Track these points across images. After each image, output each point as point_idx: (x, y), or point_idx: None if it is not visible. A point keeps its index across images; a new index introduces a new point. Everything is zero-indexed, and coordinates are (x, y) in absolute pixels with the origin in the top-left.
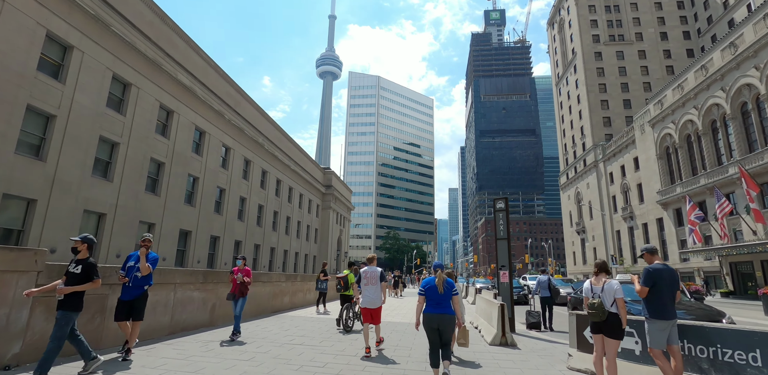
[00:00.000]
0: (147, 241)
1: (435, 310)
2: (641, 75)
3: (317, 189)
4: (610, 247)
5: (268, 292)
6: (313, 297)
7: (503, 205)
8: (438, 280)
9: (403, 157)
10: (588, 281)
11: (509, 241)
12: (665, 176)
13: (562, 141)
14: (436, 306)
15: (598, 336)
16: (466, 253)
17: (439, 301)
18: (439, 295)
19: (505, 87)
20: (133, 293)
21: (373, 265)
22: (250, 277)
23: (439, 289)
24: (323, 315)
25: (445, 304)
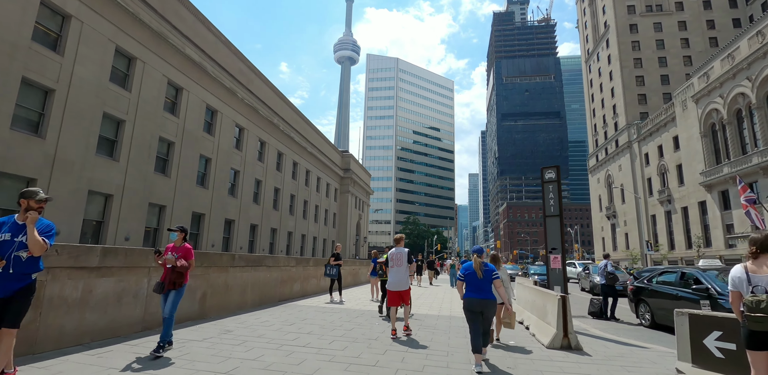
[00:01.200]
0: (38, 201)
1: (476, 294)
2: (681, 48)
3: (335, 172)
4: (644, 233)
5: (275, 278)
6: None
7: (554, 175)
8: (475, 265)
9: (423, 141)
10: (741, 267)
11: (562, 218)
12: (710, 156)
13: (591, 121)
14: (477, 291)
15: (761, 354)
16: (487, 239)
17: (479, 286)
18: (479, 280)
19: (529, 68)
20: (11, 286)
21: (400, 246)
22: (190, 258)
23: (477, 274)
24: (337, 304)
25: (486, 289)
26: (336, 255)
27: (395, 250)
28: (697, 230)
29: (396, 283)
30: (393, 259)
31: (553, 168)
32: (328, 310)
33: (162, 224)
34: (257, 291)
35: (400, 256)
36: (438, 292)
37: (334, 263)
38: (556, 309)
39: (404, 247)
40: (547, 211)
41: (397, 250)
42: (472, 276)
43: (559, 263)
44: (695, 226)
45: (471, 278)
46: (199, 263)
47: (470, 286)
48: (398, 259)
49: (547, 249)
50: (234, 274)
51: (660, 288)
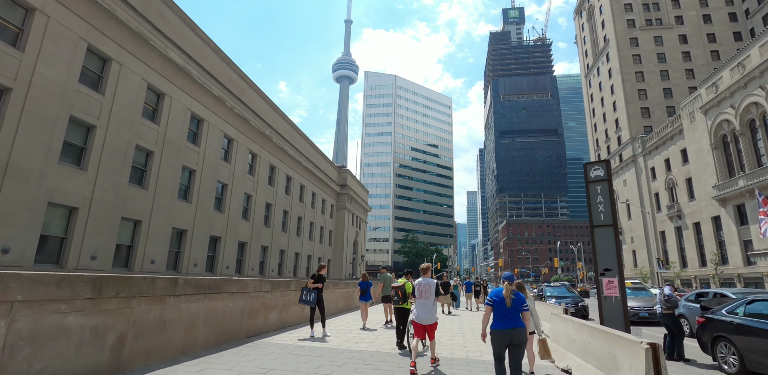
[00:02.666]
0: None
1: (505, 324)
2: (682, 61)
3: (331, 188)
4: (653, 250)
5: (241, 308)
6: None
7: (602, 172)
8: (506, 292)
9: (421, 158)
10: None
11: (616, 228)
12: (722, 168)
13: (593, 136)
14: (505, 320)
15: None
16: (486, 257)
17: (508, 315)
18: (507, 309)
19: (525, 86)
20: None
21: (427, 277)
22: None
23: (507, 303)
24: (318, 342)
25: (515, 318)
26: (316, 276)
27: (423, 280)
28: (712, 247)
29: (423, 317)
30: (420, 290)
31: (601, 163)
32: (305, 353)
33: (137, 241)
34: (214, 326)
35: (428, 288)
36: (456, 325)
37: (312, 286)
38: (642, 365)
39: (428, 276)
40: (595, 220)
41: (425, 281)
42: (500, 304)
43: (616, 290)
44: (709, 243)
45: (499, 306)
46: (112, 293)
47: (497, 315)
48: (426, 290)
49: (597, 270)
50: (175, 306)
51: (753, 323)
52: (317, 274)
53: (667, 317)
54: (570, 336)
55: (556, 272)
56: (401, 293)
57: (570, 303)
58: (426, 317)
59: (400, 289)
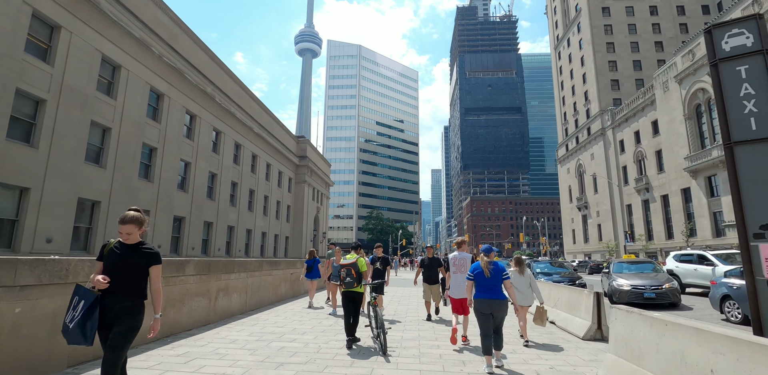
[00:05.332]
0: None
1: (486, 295)
2: (652, 33)
3: (289, 160)
4: (620, 223)
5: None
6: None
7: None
8: (482, 264)
9: (387, 133)
10: None
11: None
12: (695, 139)
13: (561, 110)
14: (486, 291)
15: None
16: (450, 233)
17: (488, 286)
18: (488, 280)
19: (491, 63)
20: None
21: (462, 251)
22: None
23: (485, 273)
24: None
25: (497, 289)
26: None
27: (459, 255)
28: (681, 219)
29: (457, 290)
30: (456, 264)
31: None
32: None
33: (95, 223)
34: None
35: (464, 262)
36: None
37: None
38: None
39: (464, 250)
40: (737, 131)
41: (460, 255)
42: (480, 276)
43: None
44: (678, 215)
45: (479, 278)
46: None
47: (479, 287)
48: (462, 265)
49: (746, 227)
50: None
51: None
52: None
53: None
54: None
55: (519, 247)
56: (354, 272)
57: (567, 281)
58: (461, 290)
59: (352, 267)
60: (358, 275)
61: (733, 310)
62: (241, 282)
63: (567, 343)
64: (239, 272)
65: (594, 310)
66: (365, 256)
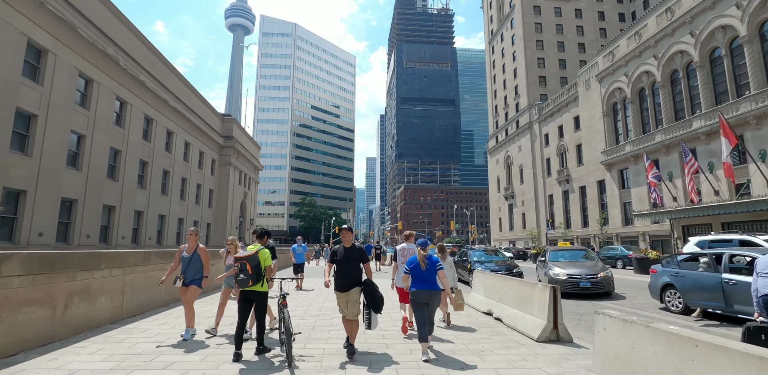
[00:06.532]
0: None
1: (423, 286)
2: (576, 35)
3: (213, 139)
4: (542, 212)
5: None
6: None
7: None
8: (419, 257)
9: (323, 118)
10: None
11: None
12: (611, 135)
13: (492, 103)
14: (423, 283)
15: None
16: (383, 221)
17: (424, 278)
18: (423, 272)
19: (428, 54)
20: None
21: (410, 242)
22: None
23: (421, 266)
24: None
25: (432, 281)
26: None
27: (407, 246)
28: (596, 209)
29: None
30: (405, 255)
31: None
32: None
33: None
34: None
35: (412, 253)
36: None
37: None
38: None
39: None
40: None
41: (409, 246)
42: (416, 268)
43: None
44: (593, 205)
45: (416, 270)
46: None
47: (415, 279)
48: (410, 255)
49: None
50: None
51: None
52: None
53: None
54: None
55: (449, 235)
56: (250, 268)
57: (504, 269)
58: None
59: (247, 261)
60: (256, 271)
61: (674, 300)
62: (115, 281)
63: (520, 346)
64: (110, 268)
65: (550, 307)
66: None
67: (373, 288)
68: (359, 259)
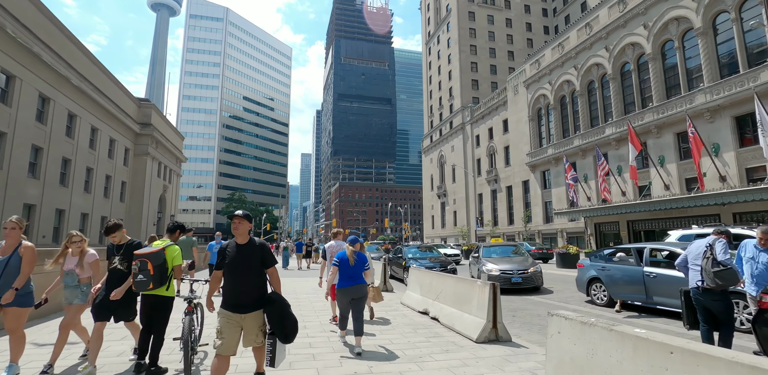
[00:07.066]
0: None
1: (349, 282)
2: (506, 43)
3: (126, 126)
4: (472, 210)
5: None
6: None
7: None
8: (348, 253)
9: (256, 110)
10: None
11: None
12: (535, 138)
13: (428, 103)
14: (349, 279)
15: None
16: (317, 219)
17: (352, 274)
18: (351, 268)
19: (366, 52)
20: None
21: (339, 240)
22: None
23: (350, 261)
24: None
25: (358, 276)
26: None
27: (335, 243)
28: (520, 207)
29: None
30: (333, 252)
31: None
32: None
33: None
34: None
35: (341, 249)
36: None
37: None
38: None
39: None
40: None
41: (337, 244)
42: (345, 264)
43: None
44: (518, 204)
45: (344, 266)
46: None
47: (343, 275)
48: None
49: None
50: None
51: None
52: None
53: (716, 296)
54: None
55: (384, 232)
56: (151, 267)
57: (438, 266)
58: None
59: (148, 259)
60: (160, 272)
61: (599, 293)
62: None
63: (460, 349)
64: None
65: (489, 305)
66: None
67: (282, 307)
68: (260, 263)
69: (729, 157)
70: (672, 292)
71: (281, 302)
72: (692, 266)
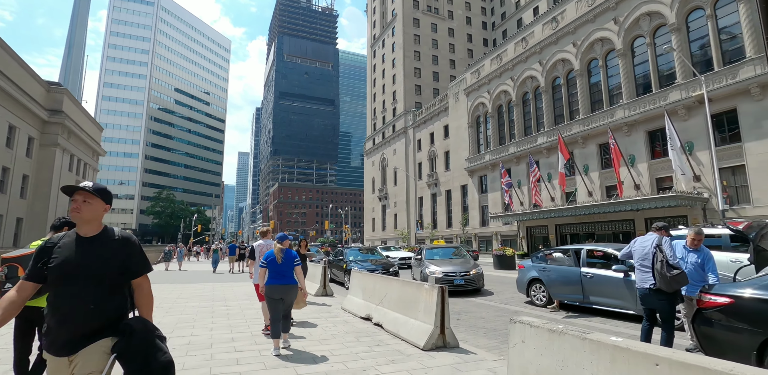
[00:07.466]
0: None
1: (277, 281)
2: (449, 51)
3: (31, 112)
4: (412, 213)
5: None
6: None
7: None
8: (275, 250)
9: (189, 104)
10: None
11: None
12: (474, 144)
13: (371, 106)
14: (278, 277)
15: None
16: (254, 220)
17: (280, 272)
18: (279, 266)
19: (310, 51)
20: None
21: (268, 239)
22: None
23: (277, 259)
24: None
25: (288, 275)
26: None
27: (264, 242)
28: (459, 211)
29: None
30: (262, 252)
31: None
32: None
33: None
34: None
35: (270, 249)
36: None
37: None
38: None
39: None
40: None
41: (266, 242)
42: (273, 262)
43: None
44: (456, 208)
45: (272, 265)
46: None
47: (272, 273)
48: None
49: None
50: None
51: None
52: None
53: (663, 296)
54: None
55: (323, 234)
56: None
57: (381, 269)
58: None
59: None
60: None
61: (539, 294)
62: None
63: (407, 359)
64: None
65: (437, 309)
66: None
67: (147, 343)
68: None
69: (642, 168)
70: (606, 292)
71: (147, 334)
72: (641, 268)
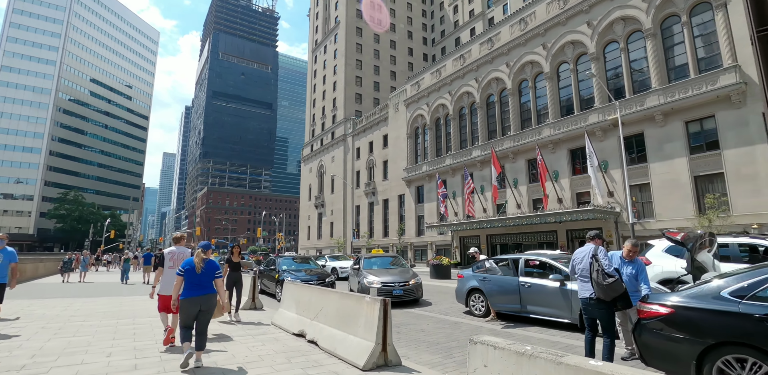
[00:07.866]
0: None
1: (194, 292)
2: (390, 63)
3: None
4: (349, 222)
5: None
6: None
7: None
8: (196, 259)
9: (107, 96)
10: None
11: None
12: (412, 155)
13: (311, 111)
14: (195, 287)
15: None
16: (179, 226)
17: (198, 283)
18: (198, 276)
19: (248, 52)
20: None
21: (182, 246)
22: None
23: (197, 268)
24: None
25: (207, 285)
26: None
27: (177, 249)
28: (395, 220)
29: (170, 287)
30: (173, 259)
31: None
32: None
33: None
34: None
35: (183, 257)
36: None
37: None
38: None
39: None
40: None
41: (179, 250)
42: (191, 272)
43: None
44: (393, 217)
45: (190, 274)
46: None
47: (188, 284)
48: (179, 260)
49: None
50: None
51: None
52: None
53: (603, 305)
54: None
55: (256, 242)
56: None
57: (316, 279)
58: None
59: None
60: None
61: (478, 304)
62: None
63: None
64: None
65: (379, 325)
66: None
67: None
68: None
69: (565, 183)
70: (543, 301)
71: None
72: (581, 278)
